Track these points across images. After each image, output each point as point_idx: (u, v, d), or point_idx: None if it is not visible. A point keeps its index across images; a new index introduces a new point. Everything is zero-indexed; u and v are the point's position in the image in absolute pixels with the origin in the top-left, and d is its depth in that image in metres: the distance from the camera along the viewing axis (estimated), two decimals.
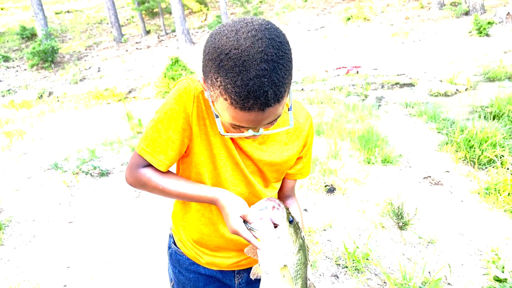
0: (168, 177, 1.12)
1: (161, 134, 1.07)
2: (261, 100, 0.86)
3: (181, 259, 1.32)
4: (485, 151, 4.72)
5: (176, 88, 1.08)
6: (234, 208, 1.04)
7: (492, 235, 3.28)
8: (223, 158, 1.13)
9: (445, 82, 8.49)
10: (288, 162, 1.23)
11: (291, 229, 1.04)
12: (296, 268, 1.06)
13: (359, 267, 2.82)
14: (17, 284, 2.83)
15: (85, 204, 4.01)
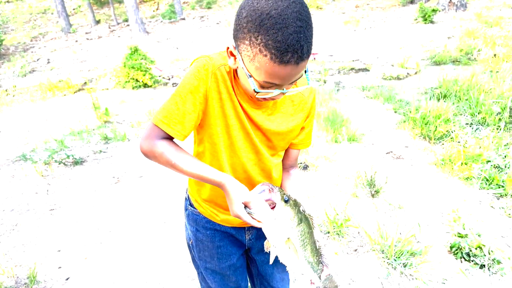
0: (181, 155, 1.19)
1: (179, 107, 1.16)
2: (297, 54, 1.01)
3: (198, 218, 1.46)
4: (438, 126, 5.17)
5: (195, 65, 1.19)
6: (237, 195, 1.15)
7: (451, 199, 3.67)
8: (236, 129, 1.26)
9: (397, 66, 9.01)
10: (293, 132, 1.38)
11: (287, 207, 1.19)
12: (301, 238, 1.22)
13: (340, 232, 3.09)
14: (11, 268, 2.84)
15: (64, 192, 4.01)
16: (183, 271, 2.79)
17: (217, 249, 1.47)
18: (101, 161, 4.69)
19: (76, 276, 2.80)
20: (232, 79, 1.20)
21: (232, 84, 1.20)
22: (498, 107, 5.93)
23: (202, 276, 1.60)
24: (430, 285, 2.62)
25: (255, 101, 1.23)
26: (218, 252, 1.47)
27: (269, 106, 1.29)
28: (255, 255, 1.56)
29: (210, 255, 1.48)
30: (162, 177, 4.24)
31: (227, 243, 1.49)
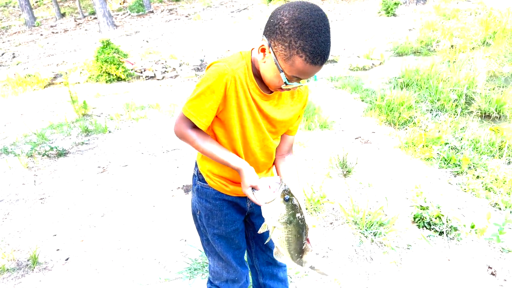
0: (208, 143, 1.52)
1: (203, 103, 1.45)
2: (324, 58, 1.33)
3: (207, 191, 1.72)
4: (402, 113, 5.59)
5: (218, 69, 1.44)
6: (248, 180, 1.48)
7: (414, 177, 4.07)
8: (249, 120, 1.55)
9: (363, 57, 9.45)
10: (292, 120, 1.69)
11: (283, 204, 1.46)
12: (287, 235, 1.50)
13: (316, 208, 3.42)
14: (11, 252, 3.00)
15: (51, 182, 4.14)
16: (176, 247, 3.04)
17: (225, 216, 1.73)
18: (84, 152, 4.83)
19: (75, 256, 2.99)
20: (247, 79, 1.48)
21: (247, 83, 1.48)
22: (455, 95, 6.45)
23: (207, 242, 1.85)
24: (397, 250, 2.98)
25: (265, 94, 1.53)
26: (226, 219, 1.74)
27: (275, 98, 1.58)
28: (253, 219, 1.85)
29: (218, 222, 1.74)
30: (147, 166, 4.44)
31: (233, 211, 1.76)
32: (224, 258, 1.82)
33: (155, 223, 3.37)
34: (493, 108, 5.94)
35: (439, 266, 2.85)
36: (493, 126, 5.51)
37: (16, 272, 2.84)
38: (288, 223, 1.46)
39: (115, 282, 2.71)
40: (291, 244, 1.52)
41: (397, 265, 2.86)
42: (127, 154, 4.75)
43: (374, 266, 2.84)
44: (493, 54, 8.59)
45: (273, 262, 1.99)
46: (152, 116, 6.15)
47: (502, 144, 4.81)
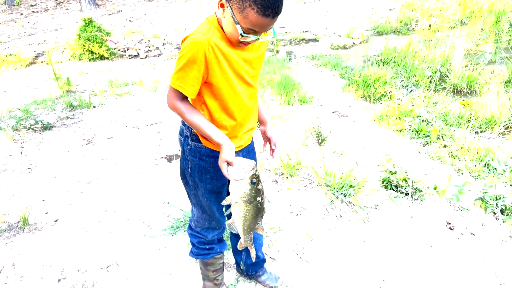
0: (195, 116, 1.68)
1: (188, 74, 1.59)
2: (275, 10, 1.47)
3: (201, 150, 1.87)
4: (378, 88, 5.82)
5: (193, 42, 1.58)
6: (225, 155, 1.65)
7: (385, 146, 4.31)
8: (234, 79, 1.71)
9: (344, 36, 9.63)
10: (262, 56, 1.86)
11: (249, 186, 1.62)
12: (245, 213, 1.72)
13: (292, 173, 3.64)
14: (1, 215, 3.16)
15: (37, 154, 4.27)
16: (159, 209, 3.23)
17: (217, 172, 1.89)
18: (69, 126, 4.95)
19: (63, 218, 3.17)
20: (222, 40, 1.63)
21: (224, 44, 1.64)
22: (429, 71, 6.70)
23: (195, 196, 2.02)
24: (365, 210, 3.23)
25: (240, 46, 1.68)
26: (218, 174, 1.90)
27: (249, 47, 1.75)
28: None
29: (210, 177, 1.91)
30: (131, 138, 4.59)
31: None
32: (209, 211, 2.00)
33: (139, 188, 3.55)
34: (465, 84, 6.21)
35: (402, 223, 3.11)
36: (463, 100, 5.79)
37: (7, 233, 3.00)
38: (249, 202, 1.67)
39: (102, 240, 2.90)
40: (246, 221, 1.74)
41: (364, 222, 3.11)
42: (111, 127, 4.89)
43: (344, 223, 3.09)
44: (469, 33, 8.86)
45: None
46: (135, 92, 6.26)
47: (470, 116, 5.08)
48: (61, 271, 2.61)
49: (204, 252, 2.13)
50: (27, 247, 2.85)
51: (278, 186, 3.53)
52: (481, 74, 6.41)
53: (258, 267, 2.44)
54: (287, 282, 2.50)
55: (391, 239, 2.93)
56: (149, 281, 2.51)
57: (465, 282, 2.53)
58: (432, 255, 2.77)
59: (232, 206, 1.71)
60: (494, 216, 3.21)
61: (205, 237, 2.08)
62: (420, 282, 2.52)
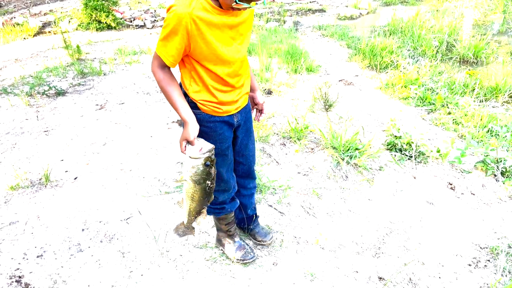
0: (170, 87, 1.78)
1: (170, 44, 1.67)
2: None
3: (201, 116, 1.95)
4: (384, 57, 5.87)
5: (174, 15, 1.65)
6: (188, 134, 1.75)
7: (390, 113, 4.42)
8: (220, 46, 1.78)
9: (350, 7, 9.57)
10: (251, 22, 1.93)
11: (201, 166, 1.72)
12: (193, 193, 1.80)
13: (299, 137, 3.76)
14: (24, 172, 3.33)
15: (53, 118, 4.41)
16: (173, 168, 3.38)
17: (219, 135, 2.01)
18: (82, 92, 5.07)
19: (82, 176, 3.33)
20: (206, 10, 1.69)
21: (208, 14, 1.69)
22: (436, 41, 6.71)
23: None
24: (370, 171, 3.37)
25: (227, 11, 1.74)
26: (220, 138, 2.02)
27: (237, 13, 1.82)
28: (238, 133, 2.15)
29: (213, 142, 2.00)
30: (143, 103, 4.71)
31: (225, 129, 2.04)
32: (217, 173, 2.13)
33: (153, 149, 3.70)
34: (471, 53, 6.24)
35: (406, 183, 3.25)
36: (469, 70, 5.83)
37: (30, 189, 3.17)
38: (198, 183, 1.77)
39: (120, 196, 3.07)
40: (193, 201, 1.86)
41: (369, 182, 3.25)
42: (123, 93, 5.01)
43: (349, 183, 3.23)
44: (477, 3, 8.78)
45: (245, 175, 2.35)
46: (144, 60, 6.34)
47: (475, 85, 5.15)
48: (84, 222, 2.78)
49: (216, 211, 2.29)
50: (50, 202, 3.02)
51: (286, 149, 3.67)
52: (488, 44, 6.43)
53: (250, 222, 2.56)
54: (290, 238, 2.67)
55: (395, 197, 3.07)
56: (166, 231, 2.68)
57: (465, 236, 2.68)
58: (433, 212, 2.92)
59: (183, 185, 1.82)
60: (495, 178, 3.34)
61: (216, 198, 2.21)
62: (421, 236, 2.68)
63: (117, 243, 2.59)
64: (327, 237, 2.63)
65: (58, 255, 2.51)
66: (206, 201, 1.89)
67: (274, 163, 3.46)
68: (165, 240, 2.60)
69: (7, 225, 2.79)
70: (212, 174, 1.79)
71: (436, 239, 2.65)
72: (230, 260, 2.41)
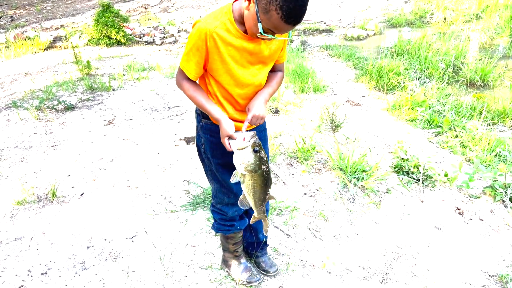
0: (197, 94, 1.86)
1: (191, 58, 1.79)
2: (297, 20, 1.58)
3: (211, 127, 1.99)
4: (391, 78, 5.90)
5: (197, 29, 1.74)
6: (225, 131, 1.79)
7: (397, 135, 4.41)
8: (236, 68, 1.83)
9: (357, 28, 9.66)
10: (277, 51, 1.96)
11: (252, 154, 1.70)
12: (253, 183, 1.79)
13: (306, 157, 3.76)
14: (31, 187, 3.34)
15: (61, 132, 4.44)
16: (180, 186, 3.38)
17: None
18: (90, 107, 5.12)
19: (89, 192, 3.33)
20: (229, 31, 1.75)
21: (230, 35, 1.75)
22: (443, 64, 6.74)
23: (211, 172, 2.16)
24: (377, 194, 3.35)
25: (251, 37, 1.78)
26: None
27: (261, 41, 1.85)
28: None
29: (221, 153, 2.03)
30: (150, 120, 4.74)
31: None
32: (225, 185, 2.12)
33: (160, 167, 3.71)
34: (478, 77, 6.26)
35: (413, 207, 3.22)
36: (476, 93, 5.84)
37: (37, 204, 3.18)
38: (254, 172, 1.76)
39: (126, 213, 3.06)
40: (256, 192, 1.84)
41: (376, 205, 3.23)
42: (131, 109, 5.04)
43: (356, 206, 3.21)
44: (484, 27, 8.84)
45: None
46: (153, 76, 6.41)
47: (482, 108, 5.15)
48: (89, 240, 2.77)
49: (225, 228, 2.27)
50: (56, 218, 3.02)
51: (293, 169, 3.66)
52: (495, 68, 6.45)
53: (258, 248, 2.51)
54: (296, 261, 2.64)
55: (402, 221, 3.05)
56: (172, 251, 2.66)
57: (473, 263, 2.64)
58: (441, 237, 2.89)
59: (241, 179, 1.80)
60: (503, 204, 3.31)
61: (226, 214, 2.21)
62: (429, 262, 2.64)
63: (122, 262, 2.57)
64: (334, 261, 2.60)
65: (62, 272, 2.50)
66: (268, 187, 1.87)
67: (281, 184, 3.45)
68: (170, 260, 2.58)
69: (13, 241, 2.78)
70: (264, 158, 1.77)
71: (444, 266, 2.61)
72: (236, 282, 2.38)
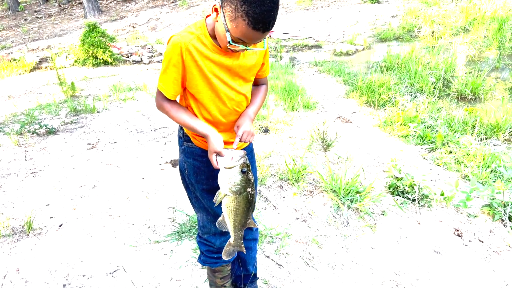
0: (180, 113, 1.73)
1: (169, 76, 1.65)
2: (266, 26, 1.46)
3: (194, 150, 1.87)
4: (382, 94, 5.81)
5: (172, 43, 1.63)
6: (213, 147, 1.64)
7: (390, 152, 4.29)
8: (216, 82, 1.71)
9: (346, 43, 9.64)
10: (257, 65, 1.84)
11: (239, 175, 1.59)
12: (236, 206, 1.65)
13: (297, 179, 3.61)
14: (6, 219, 3.14)
15: (42, 158, 4.26)
16: (165, 214, 3.21)
17: (212, 172, 1.88)
18: (73, 131, 4.94)
19: (68, 223, 3.15)
20: (204, 45, 1.64)
21: (205, 48, 1.64)
22: (433, 78, 6.69)
23: (196, 199, 2.01)
24: (372, 216, 3.20)
25: (226, 51, 1.66)
26: (213, 174, 1.88)
27: (237, 55, 1.74)
28: None
29: (206, 178, 1.90)
30: (135, 143, 4.58)
31: None
32: (212, 212, 1.97)
33: (144, 193, 3.53)
34: (469, 90, 6.20)
35: (410, 229, 3.08)
36: (468, 107, 5.77)
37: (12, 237, 2.98)
38: (239, 193, 1.63)
39: (107, 245, 2.87)
40: (237, 215, 1.69)
41: (371, 228, 3.08)
42: (115, 132, 4.88)
43: (350, 230, 3.06)
44: (472, 40, 8.86)
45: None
46: (139, 97, 6.26)
47: (475, 123, 5.06)
48: (66, 276, 2.58)
49: (212, 261, 2.11)
50: (32, 252, 2.82)
51: (284, 191, 3.51)
52: (485, 80, 6.41)
53: (247, 281, 2.35)
54: None
55: (399, 245, 2.90)
56: (155, 286, 2.48)
57: None
58: (440, 262, 2.74)
59: (222, 200, 1.66)
60: (502, 223, 3.18)
61: (213, 245, 2.05)
62: None
63: None
64: None
65: None
66: (250, 211, 1.73)
67: (271, 208, 3.29)
68: None
69: None
70: (251, 180, 1.66)
71: None
72: None
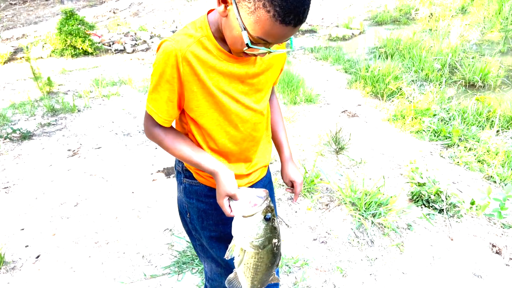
0: (177, 143, 1.28)
1: (161, 96, 1.20)
2: (299, 17, 1.00)
3: (198, 189, 1.42)
4: (388, 84, 5.39)
5: (163, 51, 1.15)
6: (224, 188, 1.22)
7: (406, 152, 3.90)
8: (227, 101, 1.24)
9: (342, 27, 9.17)
10: (275, 71, 1.38)
11: (262, 224, 1.17)
12: (257, 262, 1.22)
13: (310, 189, 3.19)
14: None
15: (15, 169, 3.75)
16: (160, 238, 2.77)
17: (221, 215, 1.42)
18: (51, 134, 4.42)
19: (46, 253, 2.68)
20: (207, 51, 1.17)
21: (210, 55, 1.18)
22: (438, 64, 6.29)
23: (201, 247, 1.57)
24: (398, 231, 2.81)
25: (239, 58, 1.20)
26: (223, 218, 1.42)
27: (253, 61, 1.27)
28: None
29: (214, 223, 1.46)
30: (122, 147, 4.09)
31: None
32: (223, 263, 1.52)
33: (135, 211, 3.07)
34: (478, 77, 5.83)
35: (442, 246, 2.70)
36: (479, 95, 5.40)
37: None
38: (261, 247, 1.20)
39: (94, 282, 2.42)
40: (257, 273, 1.25)
41: (399, 247, 2.69)
42: (99, 135, 4.37)
43: (376, 250, 2.66)
44: (472, 21, 8.48)
45: None
46: (124, 92, 5.73)
47: (489, 114, 4.70)
48: None
49: None
50: None
51: (295, 205, 3.09)
52: (489, 65, 6.03)
53: None
54: None
55: (433, 268, 2.51)
56: None
57: None
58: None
59: (238, 256, 1.23)
60: None
61: None
62: None
63: None
64: None
65: None
66: (275, 266, 1.29)
67: (284, 226, 2.87)
68: None
69: None
70: (277, 229, 1.23)
71: None
72: None
